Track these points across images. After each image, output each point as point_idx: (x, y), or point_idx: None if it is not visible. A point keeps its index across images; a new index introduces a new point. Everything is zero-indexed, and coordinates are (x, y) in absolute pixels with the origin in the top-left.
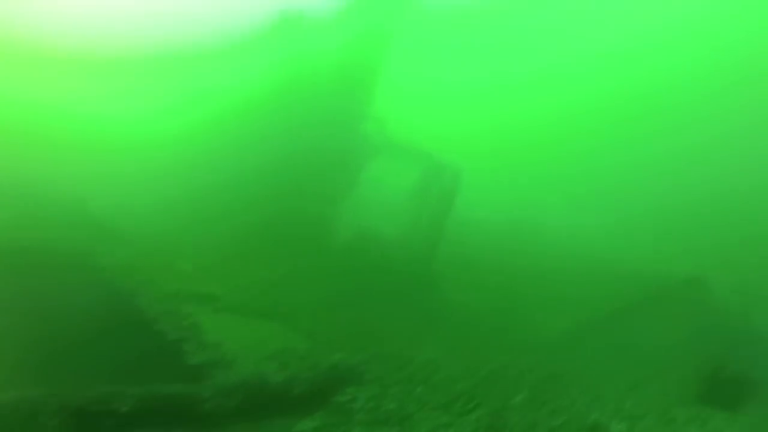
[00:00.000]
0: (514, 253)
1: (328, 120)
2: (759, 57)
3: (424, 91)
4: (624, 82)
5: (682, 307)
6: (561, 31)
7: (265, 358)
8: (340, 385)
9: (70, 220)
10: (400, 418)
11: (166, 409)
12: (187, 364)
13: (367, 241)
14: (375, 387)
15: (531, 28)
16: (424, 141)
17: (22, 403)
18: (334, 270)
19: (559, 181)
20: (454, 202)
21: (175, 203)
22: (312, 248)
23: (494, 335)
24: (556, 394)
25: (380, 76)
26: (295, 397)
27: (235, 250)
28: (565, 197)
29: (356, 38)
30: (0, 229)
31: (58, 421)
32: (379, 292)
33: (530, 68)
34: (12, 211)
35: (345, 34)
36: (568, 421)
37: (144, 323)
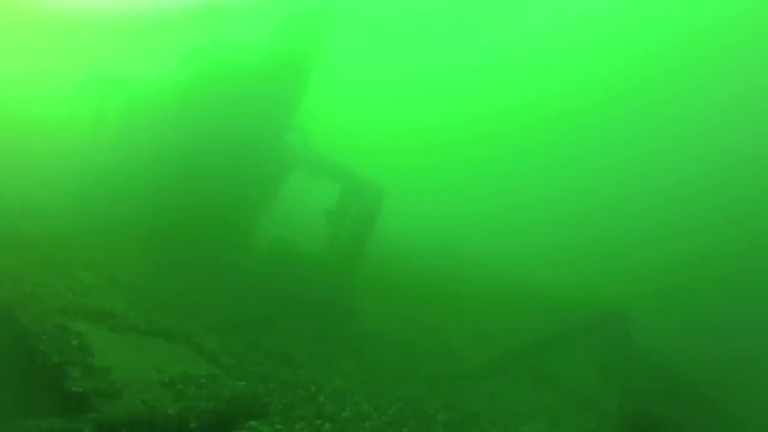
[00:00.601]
0: (435, 278)
1: (249, 125)
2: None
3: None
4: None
5: (605, 339)
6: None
7: (159, 385)
8: (242, 418)
9: None
10: None
11: None
12: (68, 392)
13: (283, 258)
14: (279, 421)
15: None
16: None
17: None
18: (246, 288)
19: (482, 204)
20: (375, 222)
21: (77, 204)
22: (225, 263)
23: (410, 366)
24: None
25: (308, 83)
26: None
27: (140, 261)
28: (488, 221)
29: (286, 38)
30: None
31: None
32: (291, 313)
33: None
34: None
35: (275, 30)
36: None
37: (23, 343)
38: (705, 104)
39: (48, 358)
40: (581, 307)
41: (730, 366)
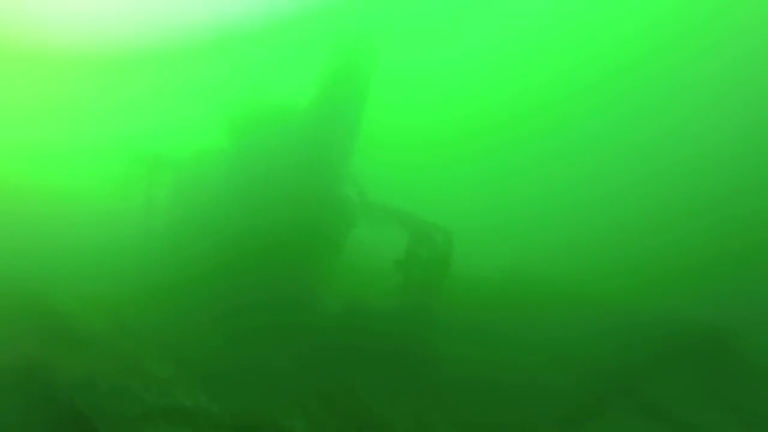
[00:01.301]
0: (516, 312)
1: (302, 182)
2: None
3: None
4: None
5: (711, 358)
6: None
7: None
8: None
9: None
10: None
11: None
12: None
13: (356, 315)
14: None
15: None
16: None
17: None
18: (322, 351)
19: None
20: (448, 267)
21: (134, 287)
22: (297, 328)
23: (504, 411)
24: None
25: (361, 124)
26: None
27: (207, 339)
28: (558, 242)
29: (332, 77)
30: None
31: None
32: (373, 373)
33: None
34: None
35: (320, 71)
36: None
37: None
38: (733, 62)
39: None
40: (674, 323)
41: None
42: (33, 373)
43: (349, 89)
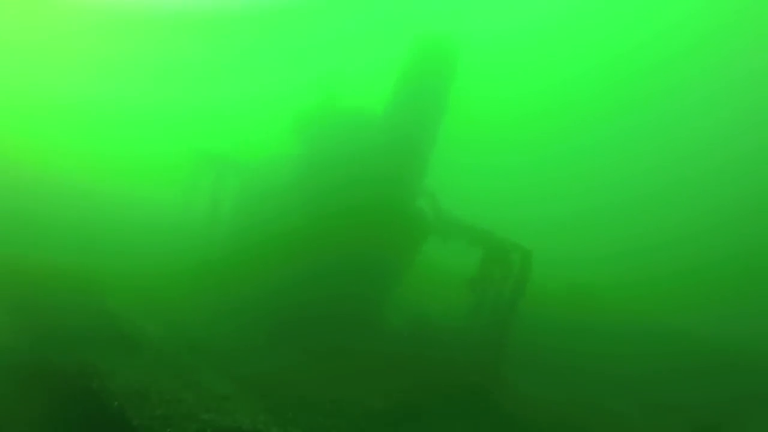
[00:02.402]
0: (583, 337)
1: (374, 194)
2: None
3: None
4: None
5: None
6: None
7: None
8: None
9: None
10: None
11: None
12: None
13: (423, 335)
14: None
15: None
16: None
17: None
18: (386, 371)
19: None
20: (525, 288)
21: (195, 295)
22: (360, 344)
23: None
24: None
25: (437, 137)
26: None
27: (268, 353)
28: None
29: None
30: None
31: None
32: (438, 398)
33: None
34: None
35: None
36: None
37: None
38: None
39: None
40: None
41: None
42: (87, 379)
43: (430, 98)
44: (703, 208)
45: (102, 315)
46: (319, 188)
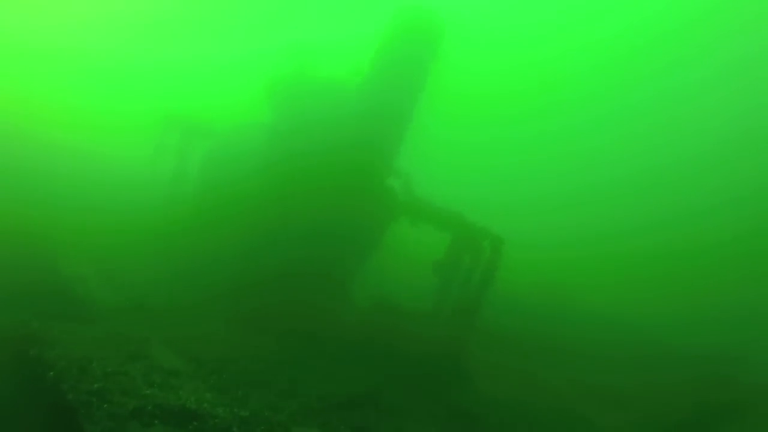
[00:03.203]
0: (552, 331)
1: (344, 170)
2: None
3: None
4: None
5: None
6: None
7: None
8: None
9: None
10: None
11: None
12: None
13: (387, 318)
14: None
15: None
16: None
17: None
18: (346, 355)
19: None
20: (494, 277)
21: (155, 267)
22: (321, 327)
23: None
24: None
25: (413, 118)
26: None
27: (226, 331)
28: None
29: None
30: None
31: None
32: (399, 383)
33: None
34: None
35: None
36: None
37: None
38: None
39: None
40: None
41: None
42: (24, 344)
43: (408, 73)
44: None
45: (50, 275)
46: (285, 156)
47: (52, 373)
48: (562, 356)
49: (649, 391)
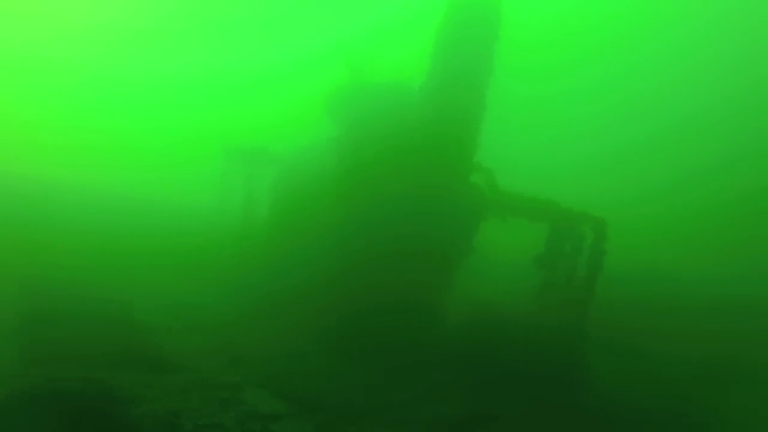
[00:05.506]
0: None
1: (423, 175)
2: None
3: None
4: None
5: None
6: None
7: None
8: None
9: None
10: None
11: None
12: None
13: (491, 325)
14: None
15: None
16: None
17: None
18: (453, 371)
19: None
20: (601, 263)
21: (235, 301)
22: (422, 343)
23: None
24: None
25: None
26: None
27: (322, 363)
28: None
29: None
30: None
31: None
32: (512, 394)
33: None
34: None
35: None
36: None
37: None
38: None
39: None
40: None
41: None
42: (106, 404)
43: (471, 60)
44: None
45: (126, 328)
46: (360, 173)
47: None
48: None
49: None
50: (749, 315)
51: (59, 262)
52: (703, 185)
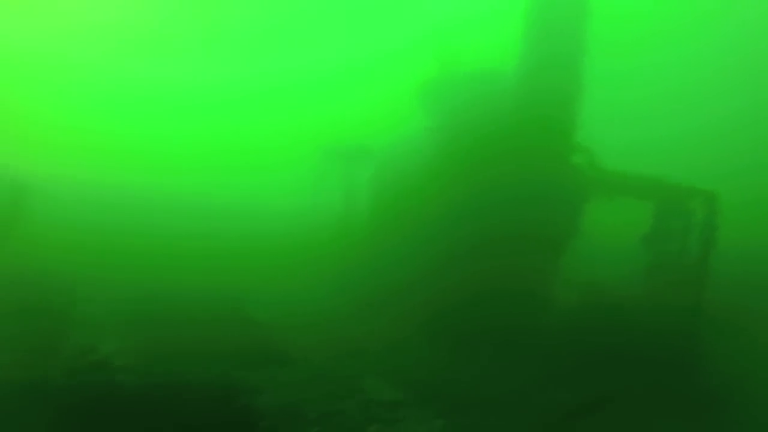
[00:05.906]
0: None
1: (518, 151)
2: None
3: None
4: None
5: None
6: None
7: None
8: None
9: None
10: None
11: None
12: None
13: (600, 308)
14: None
15: None
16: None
17: None
18: (562, 355)
19: None
20: (713, 240)
21: (348, 296)
22: (529, 328)
23: None
24: None
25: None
26: None
27: (432, 349)
28: None
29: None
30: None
31: None
32: (626, 381)
33: None
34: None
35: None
36: None
37: None
38: None
39: None
40: None
41: None
42: (229, 397)
43: (563, 39)
44: None
45: (241, 326)
46: (460, 162)
47: (264, 422)
48: None
49: None
50: None
51: (174, 265)
52: None
